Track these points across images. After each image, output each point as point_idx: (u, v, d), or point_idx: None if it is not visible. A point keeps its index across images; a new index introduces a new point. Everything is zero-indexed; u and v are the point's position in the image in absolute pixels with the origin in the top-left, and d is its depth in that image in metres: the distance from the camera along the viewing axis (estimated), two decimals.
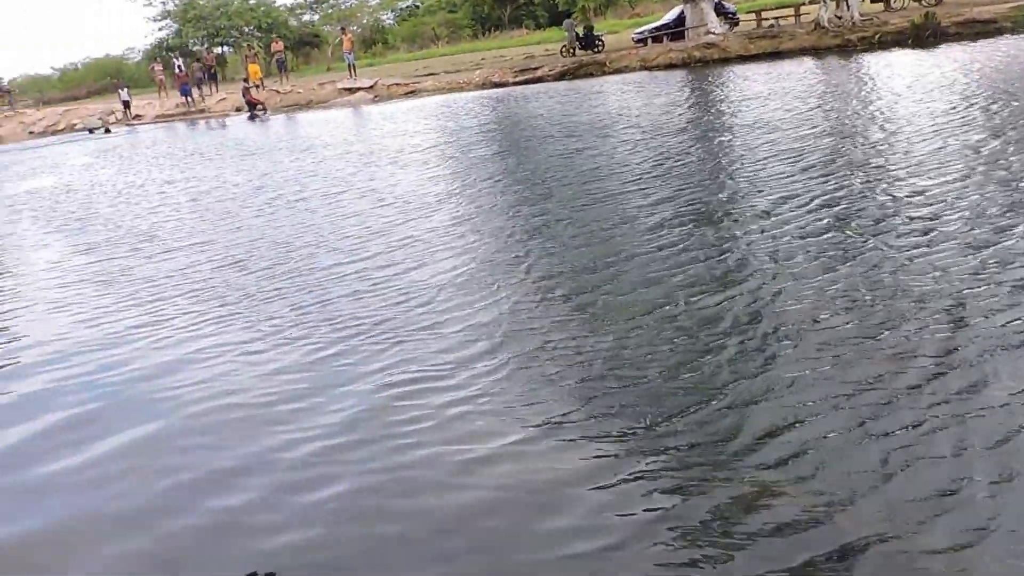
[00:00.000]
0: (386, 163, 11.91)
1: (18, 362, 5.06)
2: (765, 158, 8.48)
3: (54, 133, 33.42)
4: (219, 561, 2.80)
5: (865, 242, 5.25)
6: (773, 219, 6.12)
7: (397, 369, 4.19)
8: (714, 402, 3.45)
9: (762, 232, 5.82)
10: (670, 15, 32.50)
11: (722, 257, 5.41)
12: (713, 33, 27.56)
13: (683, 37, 29.11)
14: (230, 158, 15.48)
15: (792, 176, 7.45)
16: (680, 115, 13.39)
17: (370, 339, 4.65)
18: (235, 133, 22.11)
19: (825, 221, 5.87)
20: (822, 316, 4.19)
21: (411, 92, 28.87)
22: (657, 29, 31.55)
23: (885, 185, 6.67)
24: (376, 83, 30.29)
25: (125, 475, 3.45)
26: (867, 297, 4.34)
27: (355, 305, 5.32)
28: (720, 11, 29.70)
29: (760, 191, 7.10)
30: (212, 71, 36.84)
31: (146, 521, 3.08)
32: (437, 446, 3.38)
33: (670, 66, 25.15)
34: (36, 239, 9.55)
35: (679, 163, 8.99)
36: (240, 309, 5.55)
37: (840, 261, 4.96)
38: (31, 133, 34.25)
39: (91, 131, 29.90)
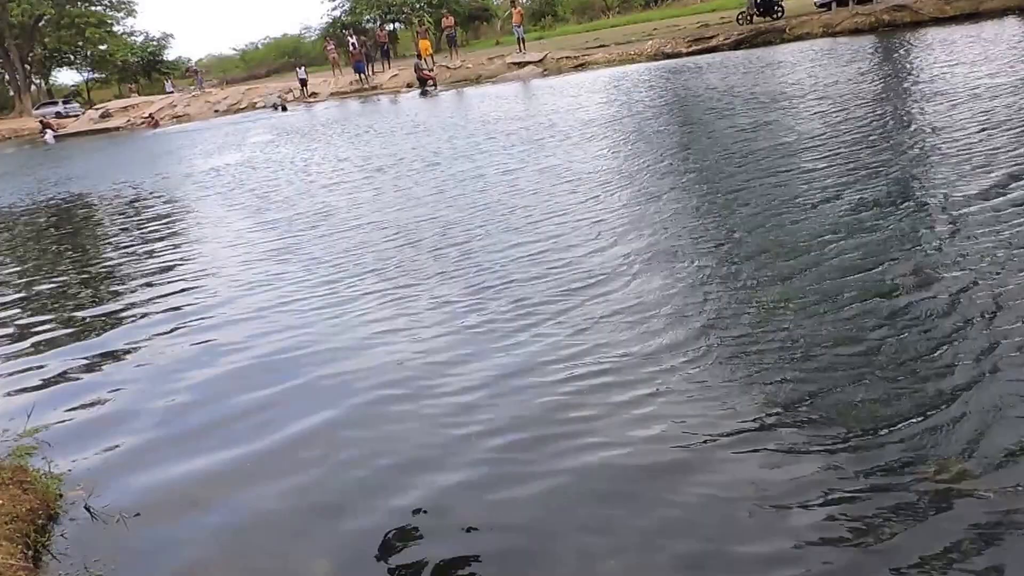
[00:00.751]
0: (559, 139, 11.74)
1: (204, 342, 5.29)
2: (980, 131, 7.60)
3: (237, 111, 35.83)
4: (401, 556, 2.76)
5: None
6: (995, 201, 5.44)
7: (579, 361, 4.00)
8: (928, 411, 3.08)
9: (981, 216, 5.16)
10: None
11: (934, 243, 4.86)
12: None
13: (870, 0, 27.23)
14: (402, 134, 15.86)
15: (1019, 151, 6.66)
16: (873, 84, 12.36)
17: (549, 327, 4.49)
18: (407, 109, 22.74)
19: None
20: None
21: (581, 65, 28.67)
22: None
23: None
24: (545, 56, 30.30)
25: (311, 464, 3.47)
26: None
27: (533, 290, 5.17)
28: None
29: (978, 169, 6.35)
30: (385, 48, 38.12)
31: (338, 513, 3.07)
32: (622, 448, 3.18)
33: (856, 31, 23.67)
34: (220, 215, 10.11)
35: (877, 137, 8.25)
36: (417, 292, 5.53)
37: None
38: (215, 111, 36.91)
39: (279, 108, 31.70)
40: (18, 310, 6.90)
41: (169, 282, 6.90)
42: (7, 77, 58.07)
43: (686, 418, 3.33)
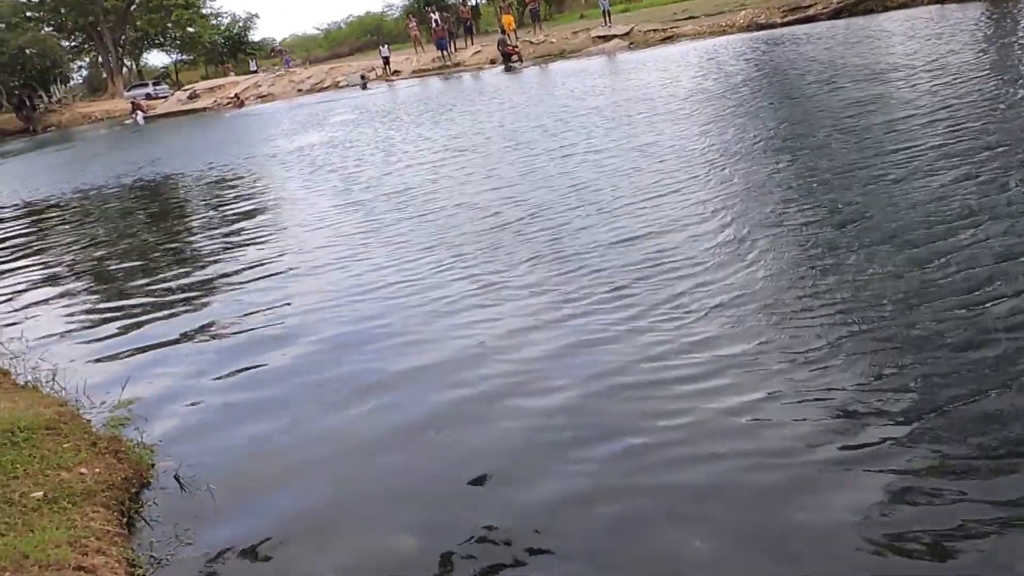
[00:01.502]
0: (651, 115, 11.55)
1: (289, 321, 5.43)
2: None
3: (320, 90, 36.52)
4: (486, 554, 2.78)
5: None
6: None
7: (680, 359, 3.87)
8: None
9: None
10: None
11: None
12: None
13: None
14: (486, 112, 15.87)
15: None
16: (991, 54, 11.75)
17: (647, 321, 4.41)
18: (490, 86, 22.77)
19: None
20: None
21: (669, 38, 28.19)
22: None
23: None
24: (631, 30, 29.89)
25: (398, 447, 3.54)
26: None
27: (628, 278, 5.06)
28: None
29: None
30: (468, 24, 38.20)
31: (425, 500, 3.10)
32: (733, 462, 3.01)
33: None
34: (303, 196, 10.30)
35: (1003, 112, 7.71)
36: (506, 279, 5.48)
37: None
38: (299, 91, 37.70)
39: (364, 86, 32.22)
40: (110, 285, 7.27)
41: (253, 263, 7.08)
42: (100, 60, 60.56)
43: (804, 429, 3.08)
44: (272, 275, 6.51)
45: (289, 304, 5.68)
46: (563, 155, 9.65)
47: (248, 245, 7.82)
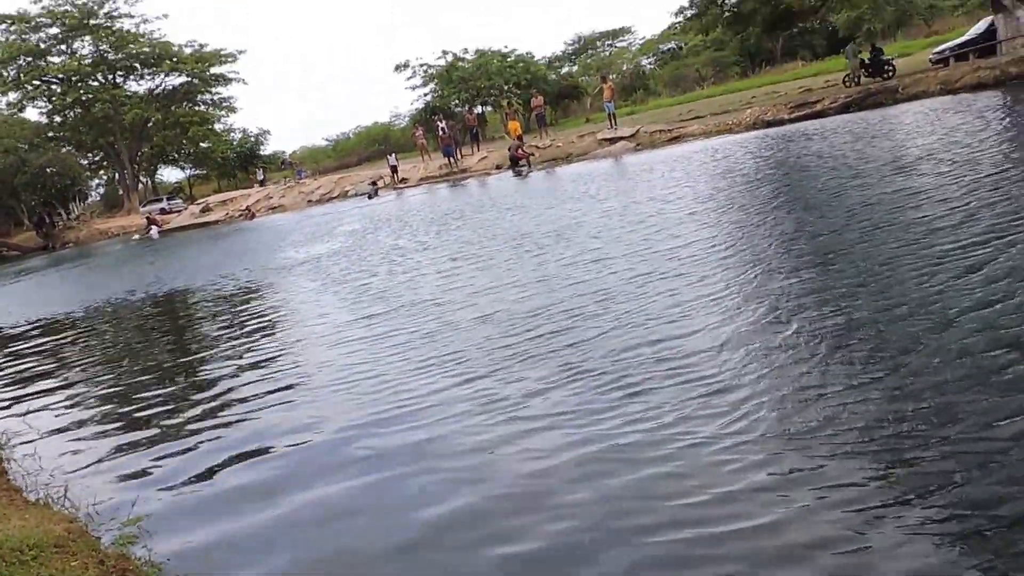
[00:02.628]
0: (659, 217, 11.76)
1: (299, 433, 5.54)
2: None
3: (329, 201, 37.38)
4: None
5: None
6: None
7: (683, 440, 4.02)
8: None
9: None
10: (975, 29, 29.97)
11: None
12: None
13: (994, 53, 26.59)
14: (495, 218, 16.17)
15: None
16: (1008, 145, 11.83)
17: (667, 409, 4.54)
18: (498, 191, 23.27)
19: None
20: None
21: (676, 138, 28.87)
22: (960, 46, 29.08)
23: None
24: (638, 131, 30.67)
25: (425, 557, 3.58)
26: None
27: (640, 380, 5.21)
28: None
29: None
30: (474, 131, 39.34)
31: None
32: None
33: (978, 87, 22.90)
34: (312, 306, 10.48)
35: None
36: (519, 388, 5.60)
37: None
38: (309, 201, 38.63)
39: (370, 195, 32.97)
40: (124, 400, 7.35)
41: (264, 377, 7.17)
42: (117, 176, 62.68)
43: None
44: (283, 390, 6.59)
45: (300, 419, 5.75)
46: (575, 260, 9.66)
47: (259, 359, 7.92)
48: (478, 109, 55.74)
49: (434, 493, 4.13)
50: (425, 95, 59.22)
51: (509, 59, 58.77)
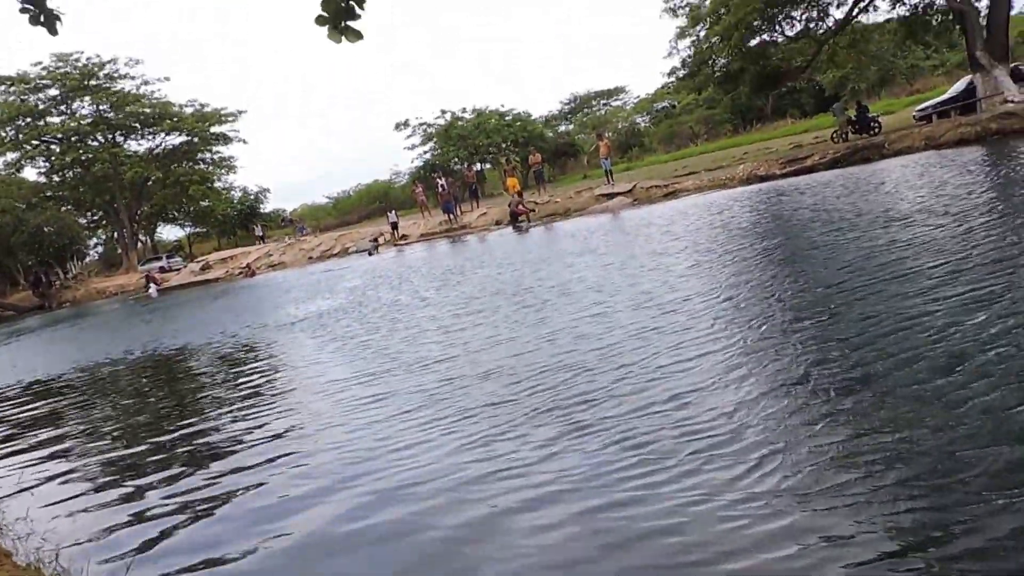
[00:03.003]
0: (660, 271, 11.78)
1: (302, 498, 5.41)
2: None
3: (329, 257, 37.55)
4: None
5: None
6: None
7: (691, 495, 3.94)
8: None
9: None
10: (956, 87, 30.82)
11: None
12: (1012, 101, 25.56)
13: (974, 110, 27.24)
14: (495, 273, 16.18)
15: None
16: (992, 198, 12.01)
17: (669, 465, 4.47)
18: (498, 247, 23.35)
19: None
20: None
21: (671, 193, 29.15)
22: (942, 104, 29.89)
23: None
24: (634, 187, 30.97)
25: None
26: None
27: (651, 446, 5.15)
28: (1018, 77, 27.58)
29: None
30: (473, 187, 39.73)
31: None
32: None
33: (960, 142, 23.57)
34: (312, 363, 10.39)
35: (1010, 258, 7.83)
36: (523, 446, 5.56)
37: None
38: (310, 258, 38.82)
39: (371, 253, 33.15)
40: (119, 463, 7.21)
41: (264, 438, 7.04)
42: (116, 235, 62.87)
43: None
44: (283, 456, 6.43)
45: (300, 481, 5.64)
46: (578, 315, 9.58)
47: (257, 422, 7.76)
48: (477, 166, 56.33)
49: (437, 562, 4.01)
50: (424, 153, 60.06)
51: (507, 117, 59.65)
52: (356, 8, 3.85)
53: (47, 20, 4.61)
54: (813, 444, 4.41)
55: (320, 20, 3.82)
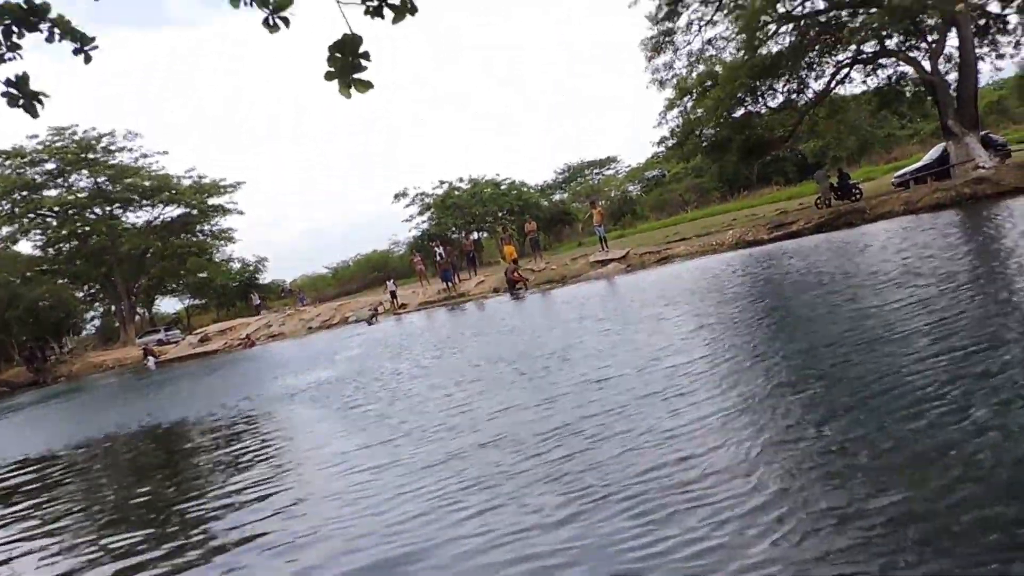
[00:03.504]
0: (656, 335, 11.79)
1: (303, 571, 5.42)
2: None
3: (329, 327, 37.82)
4: None
5: None
6: None
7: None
8: None
9: None
10: (931, 154, 32.09)
11: None
12: (983, 167, 26.59)
13: (948, 176, 28.31)
14: (494, 341, 16.21)
15: None
16: (970, 259, 12.32)
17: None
18: (496, 314, 23.34)
19: None
20: None
21: (664, 259, 29.64)
22: (918, 170, 31.17)
23: None
24: (628, 253, 31.59)
25: None
26: None
27: (654, 511, 5.19)
28: (988, 144, 28.84)
29: None
30: (471, 255, 40.40)
31: None
32: None
33: (937, 207, 24.30)
34: (311, 434, 10.37)
35: (996, 315, 8.00)
36: (527, 514, 5.58)
37: None
38: (309, 328, 39.06)
39: (370, 322, 33.58)
40: (114, 543, 7.14)
41: (264, 516, 6.93)
42: (113, 308, 62.42)
43: None
44: (278, 532, 6.34)
45: (300, 555, 5.64)
46: (578, 381, 9.53)
47: (254, 496, 7.68)
48: (474, 235, 57.22)
49: None
50: (423, 223, 60.96)
51: (502, 187, 60.82)
52: (363, 61, 3.88)
53: (28, 103, 4.39)
54: (818, 508, 4.44)
55: (328, 76, 3.86)
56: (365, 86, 3.90)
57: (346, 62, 3.86)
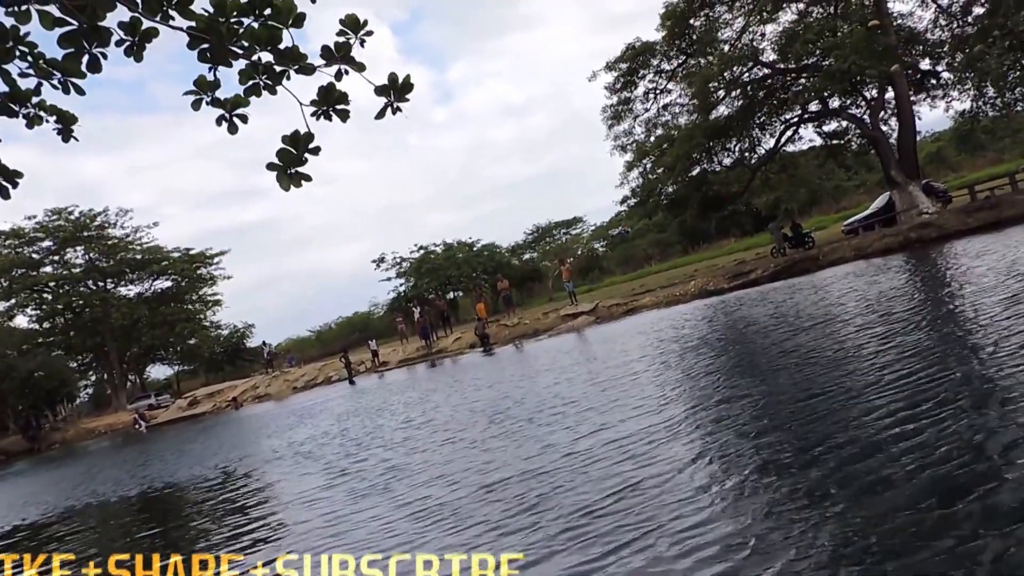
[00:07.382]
0: (628, 383, 11.58)
1: None
2: None
3: (312, 387, 37.23)
4: None
5: None
6: None
7: None
8: None
9: None
10: (877, 203, 32.42)
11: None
12: (926, 213, 26.88)
13: (895, 222, 28.55)
14: (472, 395, 15.89)
15: None
16: (919, 299, 12.36)
17: None
18: (471, 369, 23.11)
19: None
20: None
21: (631, 310, 29.55)
22: (866, 218, 31.42)
23: None
24: (596, 306, 31.44)
25: None
26: None
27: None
28: (930, 191, 29.18)
29: None
30: (446, 315, 40.15)
31: None
32: None
33: (886, 251, 24.55)
34: (298, 493, 9.94)
35: (950, 353, 7.94)
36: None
37: None
38: (294, 389, 38.39)
39: (351, 381, 33.04)
40: None
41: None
42: (106, 376, 61.59)
43: None
44: None
45: None
46: (553, 429, 9.37)
47: (240, 562, 7.28)
48: (450, 295, 57.05)
49: None
50: (400, 286, 60.78)
51: (475, 248, 60.86)
52: (307, 155, 3.78)
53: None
54: (799, 547, 4.27)
55: (271, 167, 3.74)
56: (304, 179, 3.80)
57: (293, 155, 3.75)
